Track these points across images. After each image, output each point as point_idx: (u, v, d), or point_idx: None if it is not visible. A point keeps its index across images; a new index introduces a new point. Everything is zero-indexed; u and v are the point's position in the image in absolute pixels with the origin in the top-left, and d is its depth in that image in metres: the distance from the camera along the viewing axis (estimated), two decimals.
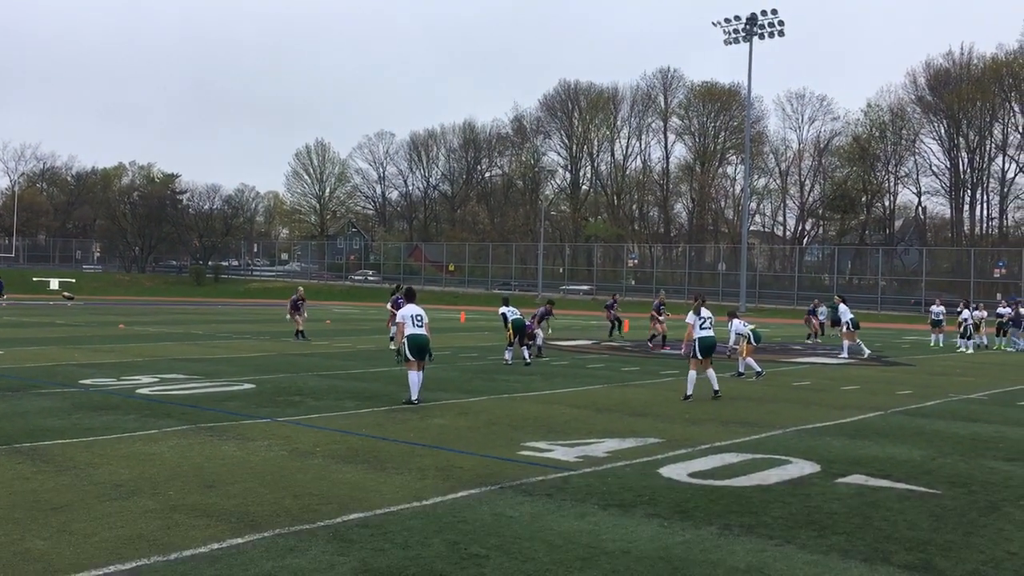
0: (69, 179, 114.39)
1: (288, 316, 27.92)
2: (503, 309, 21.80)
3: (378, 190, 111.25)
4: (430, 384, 15.71)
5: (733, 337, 18.58)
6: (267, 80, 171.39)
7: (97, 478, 8.00)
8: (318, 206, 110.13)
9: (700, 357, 14.73)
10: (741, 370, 18.33)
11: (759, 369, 18.16)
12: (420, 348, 13.27)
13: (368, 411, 12.47)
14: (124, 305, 55.12)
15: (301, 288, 29.03)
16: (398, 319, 13.65)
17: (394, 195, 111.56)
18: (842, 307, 25.68)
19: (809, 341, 31.85)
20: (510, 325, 20.89)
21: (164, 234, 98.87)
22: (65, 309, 46.73)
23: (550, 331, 24.87)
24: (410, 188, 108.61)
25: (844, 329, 25.29)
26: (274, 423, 11.27)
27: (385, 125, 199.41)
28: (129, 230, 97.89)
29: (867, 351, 24.90)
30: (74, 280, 77.21)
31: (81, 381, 15.30)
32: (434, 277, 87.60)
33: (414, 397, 13.25)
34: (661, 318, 26.49)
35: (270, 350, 22.96)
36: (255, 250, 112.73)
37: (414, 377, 13.26)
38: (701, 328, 14.92)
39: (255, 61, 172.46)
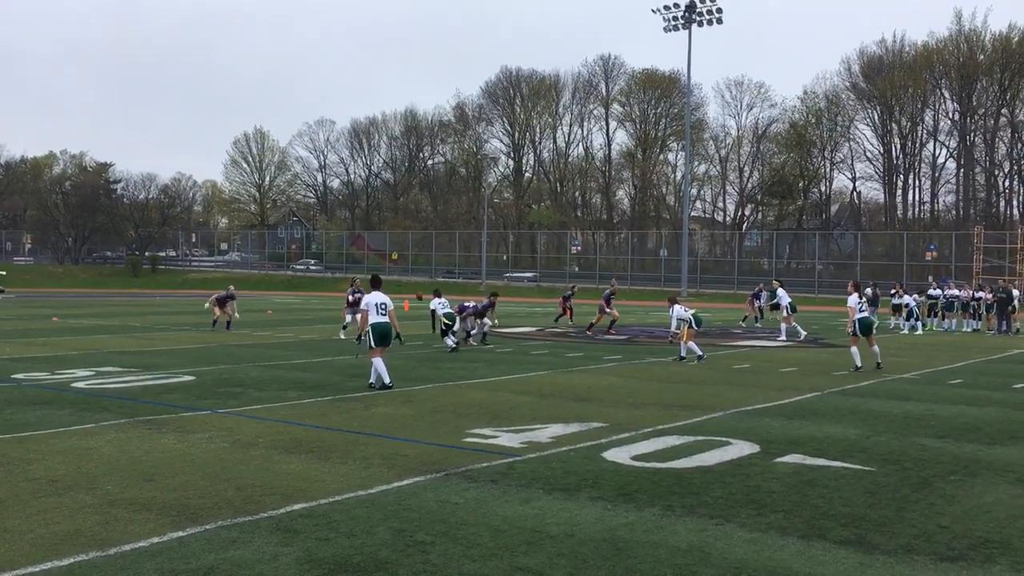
0: None
1: (207, 305, 27.66)
2: (434, 302, 22.32)
3: (319, 178, 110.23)
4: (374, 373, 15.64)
5: (675, 322, 18.88)
6: (203, 66, 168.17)
7: (32, 474, 7.81)
8: (258, 195, 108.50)
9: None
10: (683, 354, 18.61)
11: (700, 353, 18.46)
12: (383, 335, 13.55)
13: (311, 401, 12.37)
14: (57, 298, 53.75)
15: (232, 286, 29.15)
16: (362, 306, 13.73)
17: (335, 183, 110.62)
18: (780, 291, 26.22)
19: (743, 324, 32.39)
20: (441, 318, 21.33)
21: (98, 224, 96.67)
22: None
23: (496, 321, 25.00)
24: (352, 176, 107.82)
25: (783, 313, 25.82)
26: (215, 415, 11.12)
27: (325, 112, 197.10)
28: (62, 220, 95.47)
29: (803, 333, 25.42)
30: (5, 272, 74.96)
31: (13, 376, 14.90)
32: (377, 266, 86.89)
33: (387, 381, 13.43)
34: (609, 308, 26.67)
35: (210, 341, 22.61)
36: (193, 240, 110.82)
37: (380, 363, 13.46)
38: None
39: (190, 46, 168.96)
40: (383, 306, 13.61)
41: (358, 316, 14.62)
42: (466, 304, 22.77)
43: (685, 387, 14.32)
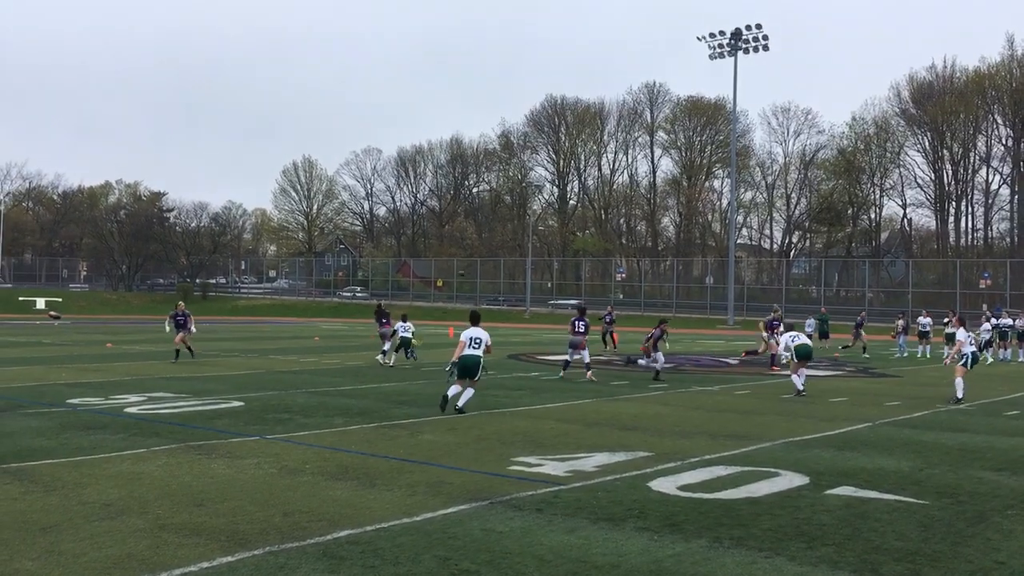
0: (55, 198, 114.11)
1: (168, 329, 25.46)
2: (399, 326, 24.19)
3: (366, 206, 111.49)
4: (420, 400, 15.73)
5: (783, 352, 18.98)
6: (254, 97, 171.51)
7: (85, 498, 7.95)
8: (306, 223, 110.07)
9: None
10: (800, 388, 17.37)
11: (800, 387, 17.37)
12: (465, 367, 14.22)
13: (357, 428, 12.45)
14: (111, 324, 54.86)
15: (182, 303, 27.25)
16: (461, 338, 14.47)
17: (382, 211, 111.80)
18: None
19: (840, 352, 31.94)
20: (397, 340, 23.89)
21: (151, 252, 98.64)
22: (52, 328, 46.46)
23: (667, 346, 23.38)
24: (398, 204, 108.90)
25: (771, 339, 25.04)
26: (263, 441, 11.24)
27: (372, 141, 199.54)
28: (116, 248, 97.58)
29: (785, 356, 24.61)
30: (61, 299, 76.84)
31: (68, 400, 15.21)
32: (422, 293, 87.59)
33: (459, 404, 13.99)
34: (766, 334, 24.88)
35: (259, 367, 22.89)
36: (243, 267, 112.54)
37: (454, 389, 14.12)
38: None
39: (241, 77, 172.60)
40: (477, 340, 14.37)
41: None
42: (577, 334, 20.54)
43: (732, 416, 14.15)
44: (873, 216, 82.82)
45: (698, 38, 62.87)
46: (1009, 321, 30.83)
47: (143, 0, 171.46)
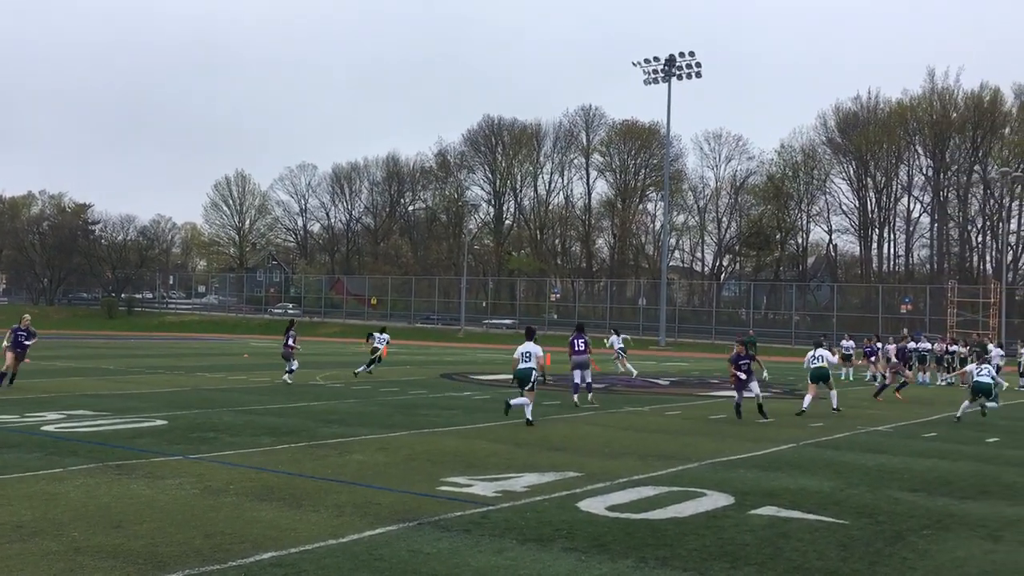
0: None
1: (6, 343, 20.25)
2: (378, 337, 27.72)
3: (299, 222, 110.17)
4: (349, 419, 15.56)
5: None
6: (186, 109, 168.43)
7: None
8: (237, 238, 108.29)
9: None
10: (835, 406, 19.02)
11: (805, 407, 18.10)
12: (519, 379, 15.75)
13: (285, 447, 12.25)
14: None
15: (27, 316, 21.78)
16: (515, 354, 15.97)
17: (316, 227, 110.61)
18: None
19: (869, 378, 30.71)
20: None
21: (75, 265, 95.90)
22: None
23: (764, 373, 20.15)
24: (332, 220, 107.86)
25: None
26: (186, 460, 10.98)
27: (307, 157, 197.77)
28: (38, 261, 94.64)
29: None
30: None
31: None
32: (356, 310, 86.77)
33: (528, 416, 15.31)
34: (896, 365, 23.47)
35: (184, 385, 22.39)
36: (171, 282, 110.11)
37: (518, 401, 15.39)
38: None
39: (173, 89, 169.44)
40: (528, 354, 15.74)
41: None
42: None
43: (661, 437, 14.30)
44: (800, 241, 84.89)
45: (633, 63, 63.92)
46: (927, 345, 31.82)
47: (72, 9, 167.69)
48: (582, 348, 19.16)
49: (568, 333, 23.22)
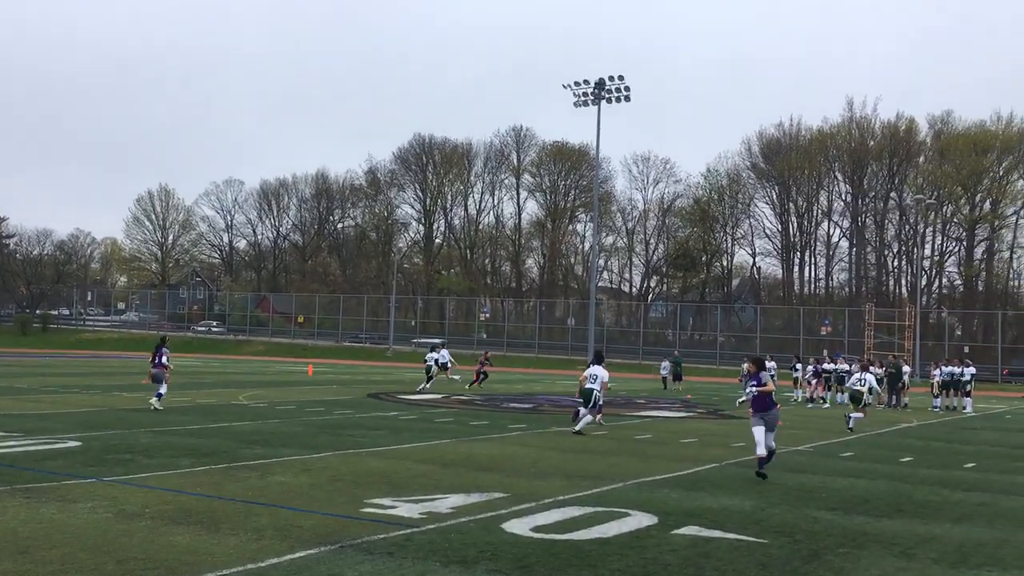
0: None
1: None
2: (432, 355, 30.88)
3: (225, 239, 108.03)
4: (273, 440, 15.27)
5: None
6: (108, 122, 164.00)
7: None
8: (160, 254, 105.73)
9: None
10: (850, 425, 20.32)
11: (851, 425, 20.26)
12: (584, 397, 18.02)
13: (204, 469, 11.94)
14: None
15: None
16: (584, 374, 18.24)
17: (242, 244, 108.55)
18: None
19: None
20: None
21: None
22: None
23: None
24: (259, 237, 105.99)
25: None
26: (100, 483, 10.62)
27: (234, 173, 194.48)
28: None
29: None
30: None
31: None
32: (282, 328, 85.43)
33: (577, 428, 17.50)
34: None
35: (101, 405, 21.69)
36: (89, 298, 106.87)
37: (583, 411, 17.84)
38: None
39: (94, 100, 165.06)
40: (594, 377, 17.91)
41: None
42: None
43: (588, 457, 14.37)
44: (725, 263, 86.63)
45: (564, 86, 64.41)
46: (846, 367, 32.64)
47: None
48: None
49: (498, 352, 23.82)
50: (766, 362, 34.65)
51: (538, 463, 13.42)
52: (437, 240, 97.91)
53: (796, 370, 32.79)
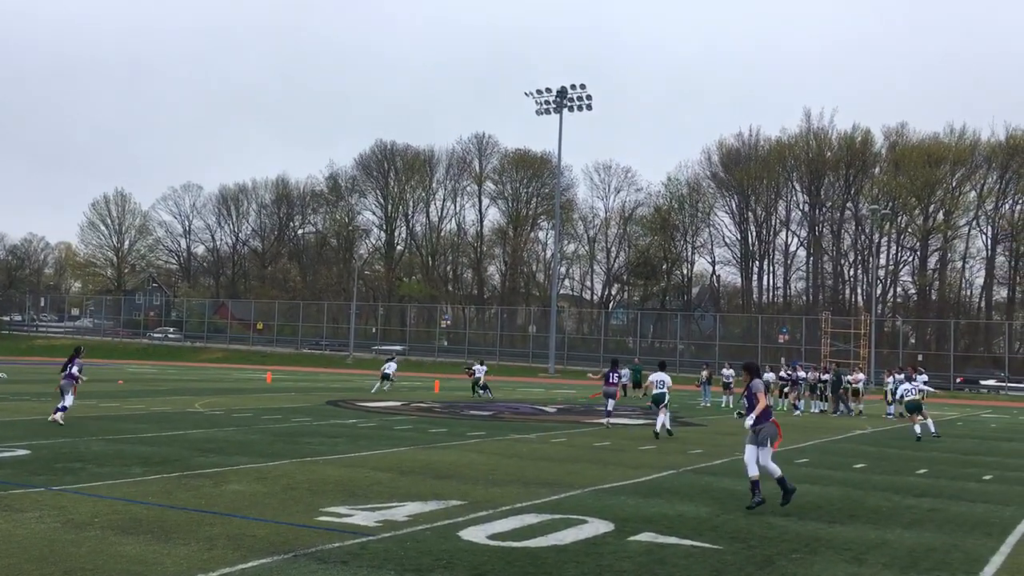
0: None
1: None
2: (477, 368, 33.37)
3: (183, 244, 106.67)
4: (228, 448, 15.07)
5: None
6: (62, 122, 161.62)
7: None
8: (115, 259, 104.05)
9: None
10: (917, 432, 21.48)
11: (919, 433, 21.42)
12: (657, 400, 20.04)
13: (157, 477, 11.75)
14: None
15: None
16: (650, 379, 20.80)
17: (200, 250, 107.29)
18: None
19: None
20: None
21: None
22: None
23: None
24: (218, 243, 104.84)
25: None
26: (49, 492, 10.40)
27: (193, 177, 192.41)
28: None
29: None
30: None
31: None
32: (241, 335, 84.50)
33: (657, 428, 19.62)
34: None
35: (51, 412, 21.22)
36: (42, 304, 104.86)
37: (661, 417, 19.76)
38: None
39: (46, 100, 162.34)
40: (661, 382, 20.22)
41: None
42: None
43: (546, 464, 14.37)
44: (685, 271, 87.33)
45: (526, 93, 64.78)
46: (802, 374, 33.05)
47: None
48: (615, 381, 22.68)
49: (459, 359, 24.33)
50: (724, 370, 34.86)
51: (496, 470, 13.39)
52: (399, 247, 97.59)
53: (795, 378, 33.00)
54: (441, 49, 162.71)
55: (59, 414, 18.60)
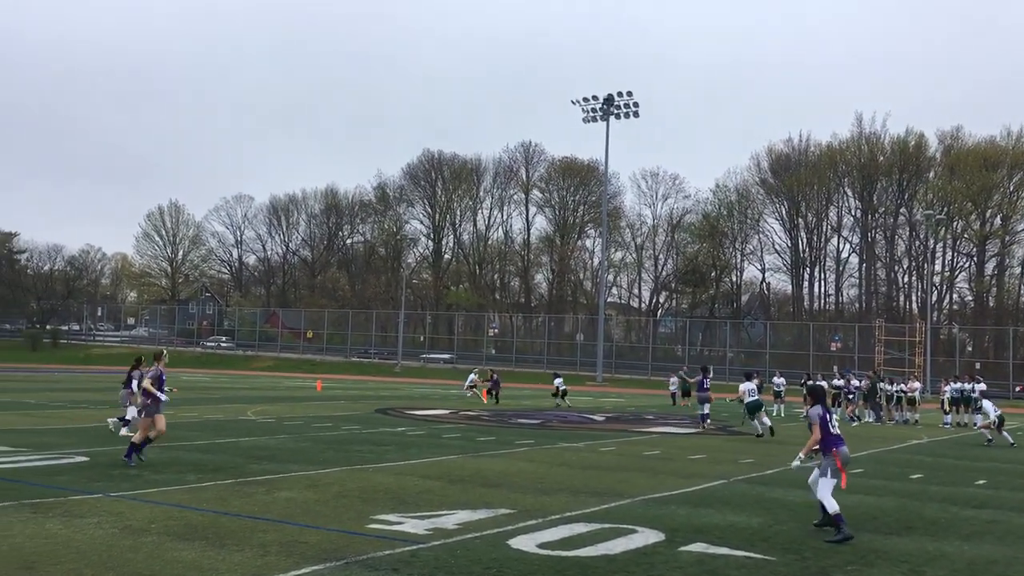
0: None
1: None
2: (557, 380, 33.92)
3: (234, 254, 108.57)
4: (280, 455, 15.25)
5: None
6: (117, 137, 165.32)
7: None
8: (169, 269, 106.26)
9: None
10: (988, 438, 22.42)
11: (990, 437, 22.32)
12: (753, 409, 21.80)
13: (211, 484, 11.93)
14: None
15: None
16: (741, 389, 22.45)
17: (251, 260, 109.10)
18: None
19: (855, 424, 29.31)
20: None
21: None
22: None
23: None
24: (268, 253, 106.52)
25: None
26: (107, 498, 10.62)
27: (244, 188, 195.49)
28: None
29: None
30: None
31: None
32: (291, 344, 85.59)
33: (760, 431, 21.38)
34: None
35: (109, 420, 21.69)
36: (99, 314, 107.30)
37: (761, 419, 21.40)
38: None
39: (105, 116, 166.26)
40: (753, 391, 21.91)
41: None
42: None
43: (595, 473, 14.30)
44: (735, 279, 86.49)
45: (573, 102, 64.86)
46: (856, 383, 32.49)
47: None
48: (707, 387, 24.36)
49: (506, 368, 24.56)
50: (775, 379, 34.49)
51: (545, 479, 13.36)
52: (446, 255, 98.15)
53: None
54: (488, 57, 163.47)
55: (125, 429, 18.16)
